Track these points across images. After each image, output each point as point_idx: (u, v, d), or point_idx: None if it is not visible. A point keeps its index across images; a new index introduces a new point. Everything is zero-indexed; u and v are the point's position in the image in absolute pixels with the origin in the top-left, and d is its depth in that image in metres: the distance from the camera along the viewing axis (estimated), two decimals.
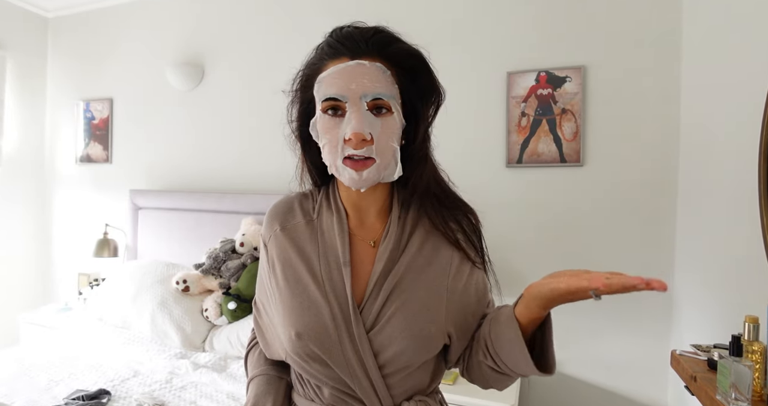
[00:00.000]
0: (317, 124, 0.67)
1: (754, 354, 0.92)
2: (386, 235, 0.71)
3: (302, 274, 0.69)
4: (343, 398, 0.68)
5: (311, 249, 0.71)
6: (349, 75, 0.62)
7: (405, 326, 0.66)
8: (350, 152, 0.63)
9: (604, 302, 1.82)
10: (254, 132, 2.43)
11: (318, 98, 0.66)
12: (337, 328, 0.65)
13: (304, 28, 2.30)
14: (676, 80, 1.72)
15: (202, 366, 1.77)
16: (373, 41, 0.64)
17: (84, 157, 2.86)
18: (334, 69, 0.64)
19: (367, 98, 0.63)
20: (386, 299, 0.67)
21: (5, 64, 2.75)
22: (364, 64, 0.63)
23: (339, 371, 0.66)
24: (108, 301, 2.18)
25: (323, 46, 0.68)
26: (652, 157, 1.76)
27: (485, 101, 1.97)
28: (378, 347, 0.66)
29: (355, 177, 0.64)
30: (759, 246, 1.06)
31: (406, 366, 0.67)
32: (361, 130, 0.61)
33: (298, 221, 0.74)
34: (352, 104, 0.63)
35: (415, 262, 0.70)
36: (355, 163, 0.63)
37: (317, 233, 0.72)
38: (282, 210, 0.76)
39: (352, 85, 0.62)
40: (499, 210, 1.94)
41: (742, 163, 1.19)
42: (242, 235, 2.12)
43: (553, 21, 1.88)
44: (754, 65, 1.18)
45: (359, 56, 0.64)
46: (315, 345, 0.65)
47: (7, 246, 2.82)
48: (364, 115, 0.62)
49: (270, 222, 0.76)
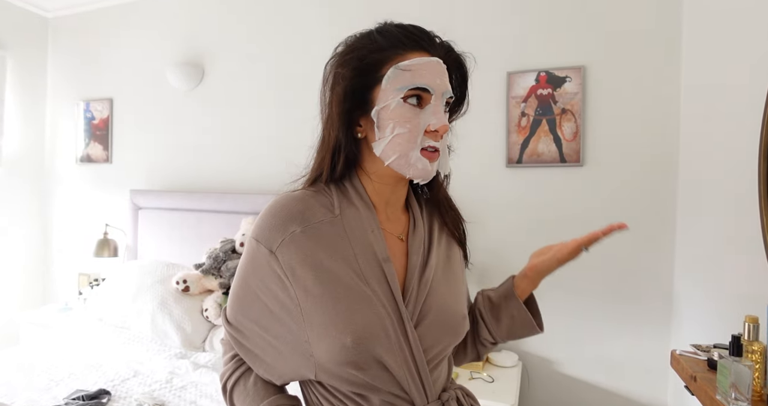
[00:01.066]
0: (390, 112, 0.64)
1: (754, 354, 0.92)
2: (414, 228, 0.73)
3: (341, 275, 0.62)
4: (393, 403, 0.63)
5: (343, 248, 0.64)
6: (436, 70, 0.65)
7: (445, 317, 0.68)
8: (429, 143, 0.65)
9: (604, 301, 1.83)
10: (254, 132, 2.43)
11: (398, 86, 0.63)
12: (394, 327, 0.62)
13: (304, 29, 2.29)
14: (676, 80, 1.72)
15: (202, 366, 1.77)
16: (440, 45, 0.68)
17: (84, 157, 2.86)
18: (420, 60, 0.64)
19: (446, 95, 0.66)
20: (427, 293, 0.67)
21: (5, 64, 2.75)
22: (441, 62, 0.66)
23: (397, 373, 0.62)
24: (108, 301, 2.18)
25: (397, 35, 0.65)
26: (652, 157, 1.76)
27: (485, 101, 1.97)
28: (427, 342, 0.65)
29: (429, 168, 0.66)
30: (759, 246, 1.06)
31: (445, 357, 0.70)
32: (447, 123, 0.65)
33: (321, 219, 0.66)
34: (437, 98, 0.65)
35: (442, 254, 0.74)
36: (431, 155, 0.66)
37: (344, 230, 0.66)
38: (298, 209, 0.65)
39: (438, 81, 0.64)
40: (499, 210, 1.94)
41: (742, 163, 1.19)
42: (242, 235, 2.12)
43: (553, 21, 1.88)
44: (754, 65, 1.18)
45: (435, 54, 0.66)
46: (378, 347, 0.60)
47: (8, 246, 2.82)
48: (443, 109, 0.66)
49: (283, 224, 0.64)
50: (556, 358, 1.90)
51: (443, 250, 0.75)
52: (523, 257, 1.93)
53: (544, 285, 0.82)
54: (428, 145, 0.65)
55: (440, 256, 0.73)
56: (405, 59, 0.64)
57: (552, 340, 1.89)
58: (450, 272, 0.74)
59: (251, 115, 2.43)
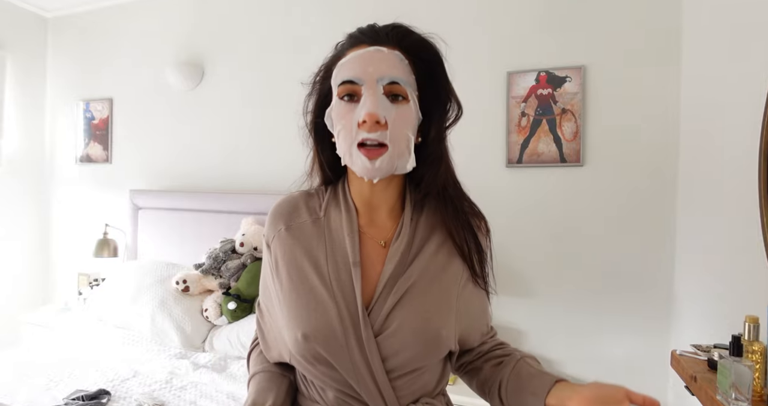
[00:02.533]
0: (332, 112, 0.66)
1: (754, 354, 0.92)
2: (398, 235, 0.69)
3: (309, 274, 0.67)
4: (347, 402, 0.66)
5: (318, 248, 0.68)
6: (367, 59, 0.62)
7: (417, 329, 0.64)
8: (364, 137, 0.61)
9: (604, 301, 1.83)
10: (254, 132, 2.43)
11: (335, 84, 0.65)
12: (344, 330, 0.63)
13: (304, 28, 2.29)
14: (676, 80, 1.72)
15: (202, 366, 1.77)
16: (393, 33, 0.65)
17: (84, 157, 2.86)
18: (352, 55, 0.64)
19: (384, 81, 0.62)
20: (397, 302, 0.65)
21: (5, 64, 2.75)
22: (383, 50, 0.63)
23: (345, 374, 0.64)
24: (108, 301, 2.18)
25: (346, 38, 0.68)
26: (652, 157, 1.76)
27: (485, 101, 1.97)
28: (387, 351, 0.64)
29: (368, 165, 0.62)
30: (759, 246, 1.06)
31: (415, 369, 0.66)
32: (375, 111, 0.60)
33: (304, 219, 0.71)
34: (368, 87, 0.62)
35: (431, 266, 0.69)
36: (369, 151, 0.62)
37: (324, 232, 0.70)
38: (286, 209, 0.73)
39: (369, 69, 0.62)
40: (499, 210, 1.94)
41: (742, 163, 1.19)
42: (242, 235, 2.12)
43: (553, 21, 1.88)
44: (754, 65, 1.18)
45: (378, 43, 0.64)
46: (321, 347, 0.63)
47: (7, 246, 2.81)
48: (379, 98, 0.62)
49: (273, 222, 0.73)
50: (556, 358, 1.89)
51: (439, 262, 0.69)
52: (522, 256, 1.94)
53: (545, 285, 0.81)
54: (362, 139, 0.62)
55: (431, 268, 0.68)
56: (344, 58, 0.65)
57: (552, 340, 1.89)
58: (437, 284, 0.68)
59: (251, 115, 2.43)
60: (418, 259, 0.68)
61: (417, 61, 0.65)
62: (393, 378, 0.65)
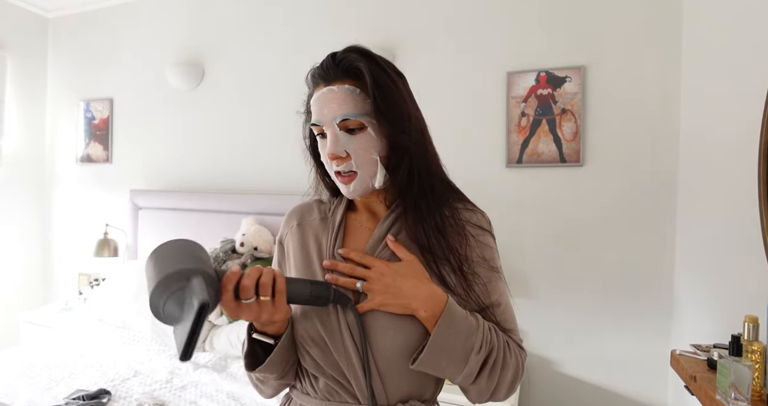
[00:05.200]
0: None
1: (754, 354, 0.92)
2: (381, 224, 0.76)
3: (313, 260, 0.75)
4: (337, 390, 0.69)
5: (323, 239, 0.77)
6: (322, 101, 0.70)
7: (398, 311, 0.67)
8: (335, 169, 0.71)
9: (604, 301, 1.83)
10: (254, 132, 2.43)
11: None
12: (337, 312, 0.69)
13: (304, 28, 2.30)
14: (676, 80, 1.72)
15: (202, 366, 1.77)
16: (341, 66, 0.70)
17: (84, 157, 2.86)
18: (315, 96, 0.72)
19: (337, 120, 0.69)
20: None
21: (5, 64, 2.75)
22: (333, 89, 0.69)
23: (336, 355, 0.68)
24: (108, 301, 2.18)
25: (311, 76, 0.74)
26: (652, 157, 1.76)
27: (485, 101, 1.97)
28: (372, 331, 0.67)
29: (345, 190, 0.73)
30: (759, 246, 1.06)
31: (401, 357, 0.67)
32: (333, 151, 0.69)
33: (315, 217, 0.81)
34: (328, 127, 0.70)
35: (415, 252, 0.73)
36: (343, 178, 0.71)
37: (329, 227, 0.79)
38: (300, 209, 0.84)
39: (325, 110, 0.69)
40: (499, 210, 1.94)
41: (742, 164, 1.19)
42: (242, 235, 2.12)
43: (553, 21, 1.88)
44: (754, 65, 1.18)
45: (331, 82, 0.70)
46: (318, 322, 0.69)
47: (8, 246, 2.82)
48: (338, 134, 0.69)
49: (288, 220, 0.83)
50: (556, 358, 1.90)
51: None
52: (522, 256, 1.94)
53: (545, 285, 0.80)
54: (335, 171, 0.72)
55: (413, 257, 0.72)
56: (311, 99, 0.73)
57: (552, 340, 1.89)
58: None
59: (251, 115, 2.43)
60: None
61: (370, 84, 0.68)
62: (382, 371, 0.67)
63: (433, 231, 0.71)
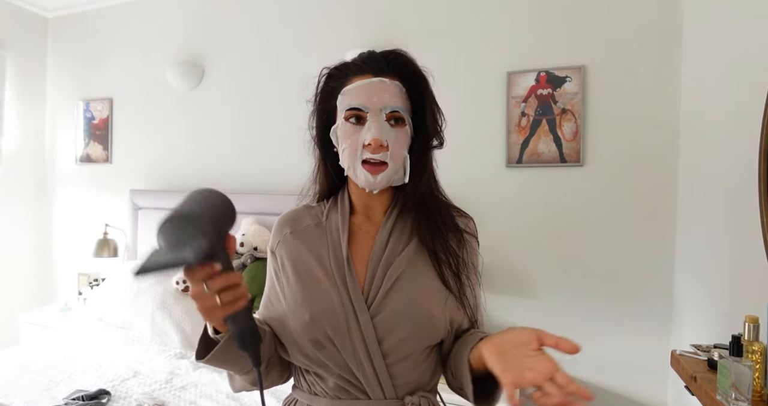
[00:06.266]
0: (338, 131, 0.76)
1: (754, 354, 0.92)
2: (383, 227, 0.78)
3: (313, 268, 0.76)
4: (346, 389, 0.71)
5: (321, 246, 0.78)
6: (372, 89, 0.72)
7: (409, 311, 0.71)
8: (368, 156, 0.72)
9: (604, 301, 1.83)
10: (254, 132, 2.43)
11: (341, 108, 0.75)
12: (345, 313, 0.71)
13: (305, 28, 2.30)
14: (676, 80, 1.72)
15: (202, 366, 1.77)
16: (393, 63, 0.75)
17: (84, 157, 2.86)
18: (358, 83, 0.73)
19: (387, 110, 0.72)
20: (390, 288, 0.72)
21: (5, 64, 2.75)
22: (385, 81, 0.73)
23: (346, 356, 0.70)
24: (108, 301, 2.18)
25: (349, 64, 0.76)
26: (652, 157, 1.76)
27: (485, 101, 1.97)
28: (382, 332, 0.70)
29: (371, 179, 0.72)
30: (759, 246, 1.06)
31: (410, 354, 0.72)
32: (380, 137, 0.70)
33: (308, 224, 0.81)
34: (373, 114, 0.72)
35: (418, 257, 0.76)
36: (372, 167, 0.72)
37: (326, 232, 0.79)
38: (290, 217, 0.83)
39: (374, 98, 0.72)
40: (499, 210, 1.94)
41: (742, 163, 1.19)
42: (242, 235, 2.12)
43: (553, 21, 1.88)
44: (754, 65, 1.18)
45: (381, 74, 0.74)
46: (327, 326, 0.70)
47: (7, 246, 2.81)
48: (382, 124, 0.72)
49: (279, 229, 0.82)
50: (555, 358, 1.89)
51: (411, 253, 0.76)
52: (522, 256, 1.94)
53: (544, 285, 0.81)
54: (367, 158, 0.72)
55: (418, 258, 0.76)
56: (349, 84, 0.74)
57: None
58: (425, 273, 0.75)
59: (251, 115, 2.43)
60: (406, 250, 0.76)
61: (412, 88, 0.75)
62: (390, 364, 0.71)
63: (442, 235, 0.76)
